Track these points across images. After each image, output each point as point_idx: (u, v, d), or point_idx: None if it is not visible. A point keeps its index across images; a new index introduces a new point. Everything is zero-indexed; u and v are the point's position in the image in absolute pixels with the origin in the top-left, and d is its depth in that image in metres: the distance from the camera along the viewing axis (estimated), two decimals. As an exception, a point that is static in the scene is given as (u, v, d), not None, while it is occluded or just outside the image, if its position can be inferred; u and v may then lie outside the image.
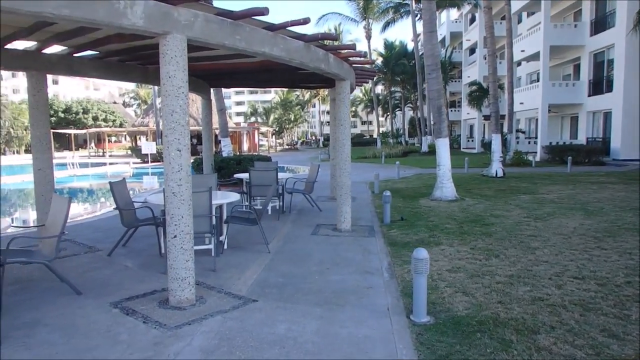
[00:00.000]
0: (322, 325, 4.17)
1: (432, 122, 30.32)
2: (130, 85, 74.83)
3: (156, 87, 38.70)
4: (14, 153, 48.56)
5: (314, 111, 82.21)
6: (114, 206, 6.79)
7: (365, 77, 11.12)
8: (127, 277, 5.69)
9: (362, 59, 8.45)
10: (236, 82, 14.79)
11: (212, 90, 14.75)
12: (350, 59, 8.02)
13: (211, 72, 9.94)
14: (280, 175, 10.04)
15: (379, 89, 60.68)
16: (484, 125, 37.46)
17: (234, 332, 4.01)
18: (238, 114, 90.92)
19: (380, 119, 58.21)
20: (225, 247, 6.83)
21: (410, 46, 49.46)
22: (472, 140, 40.83)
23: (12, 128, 48.11)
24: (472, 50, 41.02)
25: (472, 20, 40.26)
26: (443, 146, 11.80)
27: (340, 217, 8.01)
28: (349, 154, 7.93)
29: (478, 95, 26.38)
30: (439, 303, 4.65)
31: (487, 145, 30.36)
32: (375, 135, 63.51)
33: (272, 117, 65.20)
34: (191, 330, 4.06)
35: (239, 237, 7.55)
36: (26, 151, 49.35)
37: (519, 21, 34.32)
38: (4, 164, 35.15)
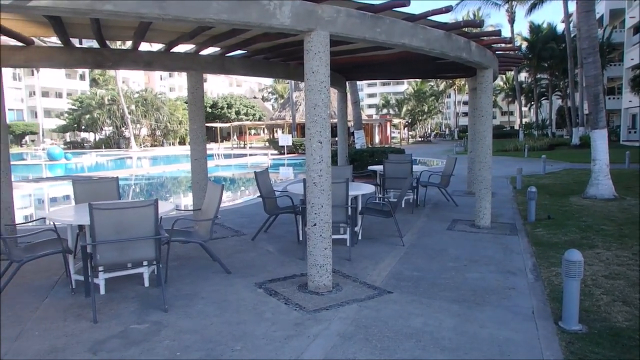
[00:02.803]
0: (459, 322, 4.06)
1: (586, 112, 27.43)
2: (269, 81, 79.33)
3: (293, 82, 40.47)
4: (170, 145, 54.28)
5: (448, 102, 79.45)
6: (257, 194, 7.28)
7: (508, 65, 10.47)
8: (269, 260, 6.09)
9: (506, 45, 7.97)
10: (372, 75, 14.92)
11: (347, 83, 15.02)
12: (494, 45, 7.61)
13: (348, 66, 10.14)
14: (415, 168, 9.92)
15: (522, 76, 56.56)
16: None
17: (370, 321, 4.09)
18: (370, 106, 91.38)
19: (523, 109, 54.13)
20: (360, 237, 6.96)
21: (560, 28, 45.23)
22: (635, 132, 36.22)
23: (169, 123, 53.82)
24: (636, 29, 36.21)
25: (637, -5, 35.59)
26: (600, 138, 10.67)
27: (479, 213, 7.69)
28: (490, 146, 7.57)
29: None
30: (593, 311, 4.26)
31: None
32: (516, 127, 59.46)
33: (404, 109, 64.32)
34: (329, 315, 4.23)
35: (372, 229, 7.63)
36: (180, 143, 54.98)
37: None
38: (162, 154, 39.54)
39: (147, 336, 3.86)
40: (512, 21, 41.27)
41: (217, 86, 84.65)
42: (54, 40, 7.36)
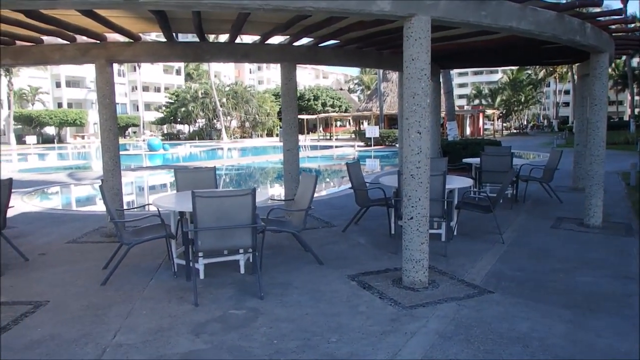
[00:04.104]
0: (572, 330, 3.72)
1: None
2: (355, 72, 79.04)
3: (381, 73, 40.01)
4: (258, 136, 55.95)
5: (548, 91, 74.52)
6: (347, 186, 7.21)
7: (626, 47, 9.48)
8: (361, 253, 6.00)
9: (627, 26, 7.20)
10: (468, 63, 14.26)
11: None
12: (612, 27, 6.92)
13: (443, 53, 9.72)
14: (514, 161, 9.35)
15: (635, 61, 51.49)
16: None
17: (471, 321, 3.87)
18: (460, 96, 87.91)
19: (636, 97, 49.34)
20: (455, 233, 6.67)
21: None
22: None
23: (258, 115, 55.43)
24: None
25: None
26: None
27: (588, 211, 7.05)
28: (603, 138, 6.90)
29: None
30: None
31: None
32: (626, 118, 54.41)
33: (498, 99, 61.13)
34: (426, 313, 4.06)
35: (468, 224, 7.28)
36: (267, 135, 56.47)
37: None
38: (251, 145, 40.86)
39: (244, 322, 3.93)
40: (625, 0, 37.69)
41: (303, 78, 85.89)
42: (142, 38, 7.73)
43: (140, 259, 5.69)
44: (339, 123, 62.66)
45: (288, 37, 7.66)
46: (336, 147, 35.86)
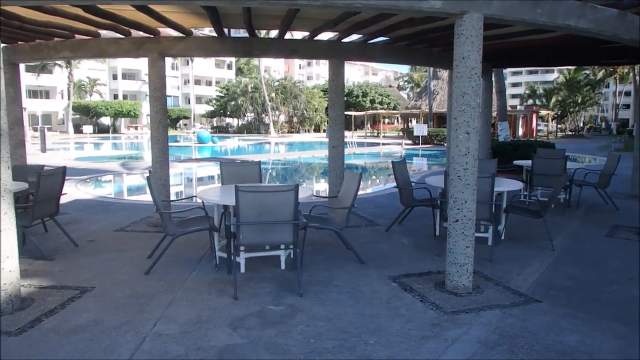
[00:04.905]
0: (626, 346, 3.52)
1: None
2: (405, 70, 78.08)
3: (431, 70, 39.32)
4: (305, 132, 56.22)
5: (607, 92, 71.14)
6: (392, 184, 7.11)
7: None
8: (404, 254, 5.90)
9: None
10: (522, 62, 13.81)
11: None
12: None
13: (496, 52, 9.42)
14: (568, 164, 8.96)
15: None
16: None
17: (516, 331, 3.72)
18: (513, 95, 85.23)
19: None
20: (503, 237, 6.45)
21: None
22: None
23: (306, 110, 55.72)
24: None
25: None
26: None
27: (646, 220, 6.68)
28: (666, 143, 6.52)
29: None
30: None
31: None
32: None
33: (553, 99, 58.79)
34: (468, 319, 3.94)
35: (517, 229, 7.02)
36: (314, 130, 56.66)
37: None
38: (298, 140, 41.11)
39: (282, 318, 3.94)
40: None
41: (352, 74, 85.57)
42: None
43: (184, 249, 5.82)
44: (387, 120, 62.11)
45: (337, 33, 7.62)
46: (383, 144, 35.57)
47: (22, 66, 8.37)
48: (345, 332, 3.69)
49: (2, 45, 4.70)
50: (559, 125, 57.93)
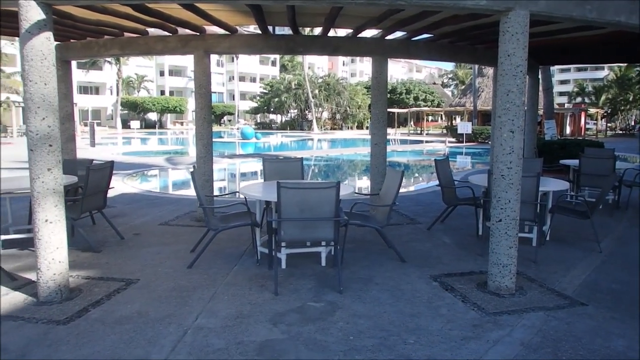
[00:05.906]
0: (677, 354, 3.38)
1: None
2: (449, 67, 76.60)
3: (476, 67, 38.40)
4: (348, 129, 56.11)
5: (660, 90, 67.49)
6: (435, 182, 7.03)
7: None
8: (445, 253, 5.85)
9: None
10: (569, 59, 13.33)
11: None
12: None
13: (543, 49, 9.15)
14: (617, 164, 8.62)
15: None
16: None
17: (560, 335, 3.64)
18: (561, 93, 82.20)
19: None
20: (547, 238, 6.29)
21: None
22: None
23: (349, 107, 55.59)
24: None
25: None
26: None
27: None
28: None
29: None
30: None
31: None
32: None
33: (603, 97, 56.33)
34: (511, 321, 3.87)
35: (562, 230, 6.82)
36: (357, 127, 56.48)
37: None
38: (341, 137, 41.10)
39: (322, 315, 3.98)
40: None
41: (396, 71, 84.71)
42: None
43: (226, 244, 5.96)
44: (430, 118, 61.20)
45: (380, 30, 7.59)
46: (426, 142, 35.12)
47: (73, 63, 8.73)
48: (384, 330, 3.71)
49: (55, 43, 4.92)
50: (608, 124, 55.47)
